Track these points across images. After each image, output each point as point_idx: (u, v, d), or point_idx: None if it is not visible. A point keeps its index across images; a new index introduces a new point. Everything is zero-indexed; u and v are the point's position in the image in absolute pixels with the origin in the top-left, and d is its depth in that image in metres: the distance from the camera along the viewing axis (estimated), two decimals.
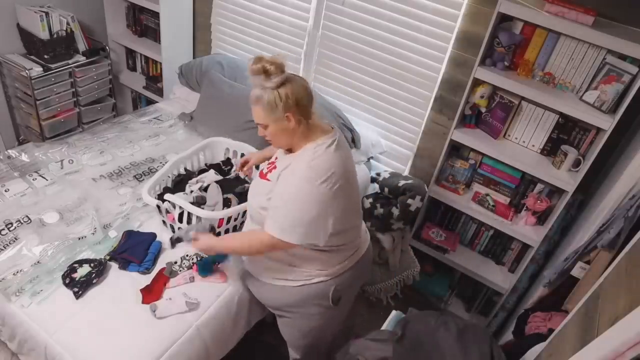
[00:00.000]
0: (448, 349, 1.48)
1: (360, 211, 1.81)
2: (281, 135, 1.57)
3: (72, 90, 3.09)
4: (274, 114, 1.51)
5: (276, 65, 1.47)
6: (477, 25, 2.24)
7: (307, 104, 1.54)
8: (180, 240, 1.86)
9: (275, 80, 1.48)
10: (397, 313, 1.80)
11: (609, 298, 1.06)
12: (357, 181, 1.72)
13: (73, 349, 1.65)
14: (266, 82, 1.48)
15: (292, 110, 1.50)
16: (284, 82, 1.49)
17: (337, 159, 1.55)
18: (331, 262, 1.69)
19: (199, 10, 3.18)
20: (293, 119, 1.52)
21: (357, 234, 1.77)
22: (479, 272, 2.53)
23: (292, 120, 1.52)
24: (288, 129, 1.54)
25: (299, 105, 1.51)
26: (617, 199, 1.67)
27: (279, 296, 1.75)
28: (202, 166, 2.37)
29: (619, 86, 1.88)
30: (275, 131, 1.56)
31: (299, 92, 1.51)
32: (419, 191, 2.41)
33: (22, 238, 1.95)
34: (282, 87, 1.49)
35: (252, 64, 1.48)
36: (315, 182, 1.49)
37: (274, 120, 1.53)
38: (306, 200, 1.50)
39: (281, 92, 1.48)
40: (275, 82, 1.48)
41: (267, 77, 1.48)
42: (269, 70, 1.47)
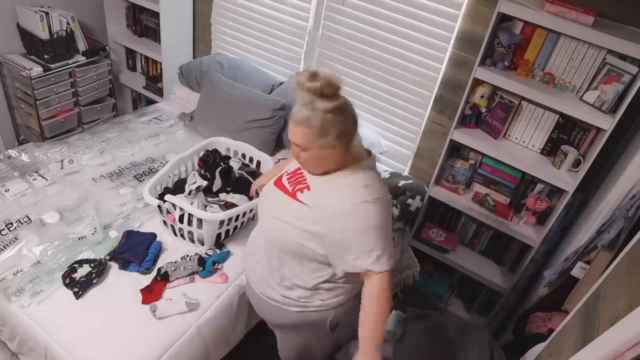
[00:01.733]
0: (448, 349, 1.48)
1: None
2: (322, 161, 1.43)
3: (72, 90, 3.09)
4: (323, 139, 1.35)
5: (334, 87, 1.33)
6: (477, 25, 2.24)
7: (354, 133, 1.41)
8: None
9: (331, 105, 1.33)
10: (397, 313, 1.80)
11: (609, 298, 1.06)
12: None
13: (73, 349, 1.65)
14: (319, 103, 1.33)
15: (342, 139, 1.38)
16: (339, 108, 1.35)
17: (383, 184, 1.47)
18: (334, 292, 1.57)
19: (199, 10, 3.18)
20: (339, 148, 1.39)
21: None
22: (479, 272, 2.53)
23: (338, 149, 1.39)
24: (331, 157, 1.41)
25: (347, 135, 1.39)
26: (617, 199, 1.67)
27: (275, 315, 1.68)
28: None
29: (619, 86, 1.88)
30: (317, 156, 1.41)
31: (351, 120, 1.39)
32: (419, 191, 2.41)
33: (22, 238, 1.95)
34: (336, 113, 1.34)
35: (307, 80, 1.32)
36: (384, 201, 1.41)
37: (319, 145, 1.37)
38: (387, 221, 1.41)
39: (336, 119, 1.34)
40: (330, 107, 1.33)
41: (322, 98, 1.33)
42: (325, 92, 1.32)
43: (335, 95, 1.35)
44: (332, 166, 1.45)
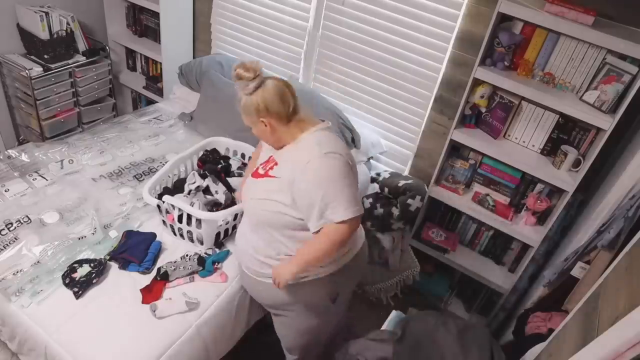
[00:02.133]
0: (448, 349, 1.48)
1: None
2: (262, 136, 1.64)
3: (72, 90, 3.09)
4: (250, 117, 1.58)
5: (249, 70, 1.52)
6: (477, 25, 2.24)
7: (279, 109, 1.55)
8: None
9: (249, 87, 1.53)
10: (397, 313, 1.80)
11: (609, 298, 1.06)
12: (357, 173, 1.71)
13: (73, 349, 1.65)
14: (242, 89, 1.54)
15: (265, 116, 1.55)
16: (256, 88, 1.53)
17: (341, 142, 1.62)
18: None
19: (199, 10, 3.18)
20: (267, 123, 1.56)
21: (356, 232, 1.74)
22: (479, 272, 2.53)
23: (268, 126, 1.57)
24: (267, 131, 1.59)
25: (270, 112, 1.54)
26: (617, 199, 1.67)
27: (273, 294, 1.72)
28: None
29: (619, 86, 1.88)
30: (257, 132, 1.63)
31: (269, 98, 1.53)
32: (419, 191, 2.41)
33: (22, 238, 1.95)
34: (254, 94, 1.53)
35: (233, 69, 1.54)
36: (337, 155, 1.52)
37: (251, 122, 1.60)
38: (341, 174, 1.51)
39: (253, 99, 1.53)
40: (249, 89, 1.53)
41: (243, 83, 1.53)
42: (243, 76, 1.52)
43: (253, 79, 1.52)
44: (280, 138, 1.61)
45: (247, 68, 1.52)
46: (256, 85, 1.53)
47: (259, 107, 1.53)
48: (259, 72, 1.54)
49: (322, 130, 1.61)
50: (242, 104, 1.56)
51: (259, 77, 1.53)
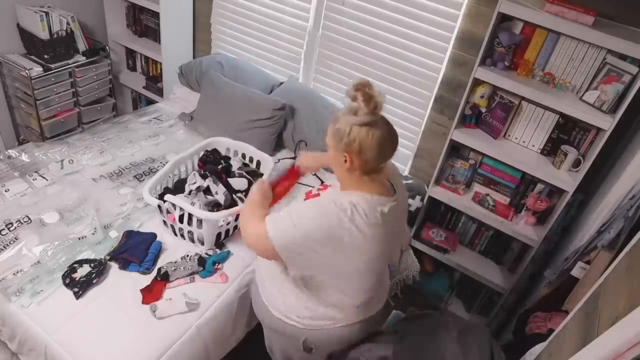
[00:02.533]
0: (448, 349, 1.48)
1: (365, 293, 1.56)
2: (334, 165, 1.47)
3: (72, 90, 3.09)
4: (336, 143, 1.39)
5: (372, 104, 1.33)
6: (477, 25, 2.24)
7: (370, 159, 1.37)
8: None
9: (358, 118, 1.34)
10: (397, 313, 1.80)
11: (609, 298, 1.06)
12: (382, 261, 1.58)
13: (73, 349, 1.65)
14: (350, 111, 1.36)
15: (352, 154, 1.37)
16: (364, 125, 1.33)
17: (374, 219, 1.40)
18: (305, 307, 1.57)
19: (199, 10, 3.18)
20: (349, 163, 1.38)
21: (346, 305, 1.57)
22: (479, 272, 2.53)
23: (349, 163, 1.39)
24: (341, 166, 1.42)
25: (360, 154, 1.36)
26: (617, 199, 1.67)
27: (263, 314, 1.71)
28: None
29: (619, 86, 1.88)
30: (332, 158, 1.45)
31: (370, 145, 1.34)
32: (419, 191, 2.41)
33: (22, 238, 1.95)
34: (357, 127, 1.34)
35: (353, 87, 1.35)
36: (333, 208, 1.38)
37: (334, 147, 1.41)
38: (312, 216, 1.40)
39: (354, 131, 1.34)
40: (357, 120, 1.34)
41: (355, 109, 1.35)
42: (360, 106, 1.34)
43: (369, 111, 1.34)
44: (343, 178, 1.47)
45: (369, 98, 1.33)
46: (367, 122, 1.33)
47: (352, 144, 1.34)
48: (380, 108, 1.35)
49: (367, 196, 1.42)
50: (338, 125, 1.36)
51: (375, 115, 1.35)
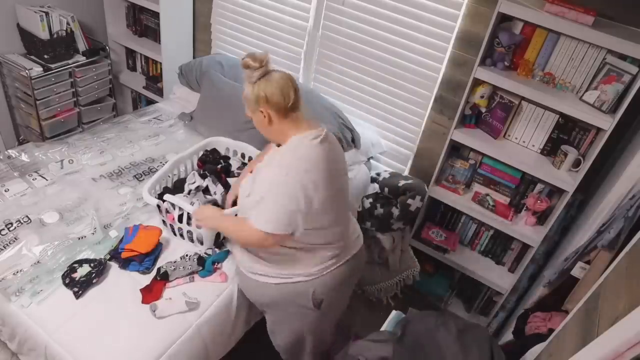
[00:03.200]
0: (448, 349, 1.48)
1: (346, 212, 1.79)
2: (260, 128, 1.66)
3: (72, 90, 3.09)
4: (251, 106, 1.61)
5: (257, 60, 1.54)
6: (477, 25, 2.24)
7: (279, 101, 1.56)
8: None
9: (254, 75, 1.55)
10: (397, 313, 1.80)
11: (609, 298, 1.06)
12: (345, 181, 1.73)
13: (73, 349, 1.65)
14: (247, 77, 1.57)
15: (264, 106, 1.57)
16: (260, 78, 1.55)
17: (321, 151, 1.58)
18: (310, 262, 1.68)
19: (199, 10, 3.18)
20: (266, 115, 1.58)
21: (340, 235, 1.74)
22: (479, 272, 2.53)
23: (266, 116, 1.58)
24: (264, 123, 1.61)
25: (269, 102, 1.56)
26: (617, 199, 1.67)
27: (259, 292, 1.77)
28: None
29: (619, 86, 1.88)
30: (255, 123, 1.66)
31: (272, 90, 1.55)
32: (419, 191, 2.41)
33: (22, 238, 1.95)
34: (256, 83, 1.55)
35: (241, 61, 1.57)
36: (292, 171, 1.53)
37: (251, 112, 1.63)
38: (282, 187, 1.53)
39: (255, 87, 1.56)
40: (253, 78, 1.55)
41: (249, 71, 1.56)
42: (250, 65, 1.55)
43: (259, 69, 1.55)
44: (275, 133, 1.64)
45: (255, 58, 1.54)
46: (260, 75, 1.55)
47: (259, 96, 1.55)
48: (265, 62, 1.55)
49: (308, 138, 1.58)
50: (245, 92, 1.59)
51: (264, 67, 1.55)
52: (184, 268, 1.93)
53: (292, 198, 1.53)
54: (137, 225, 2.03)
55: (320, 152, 1.58)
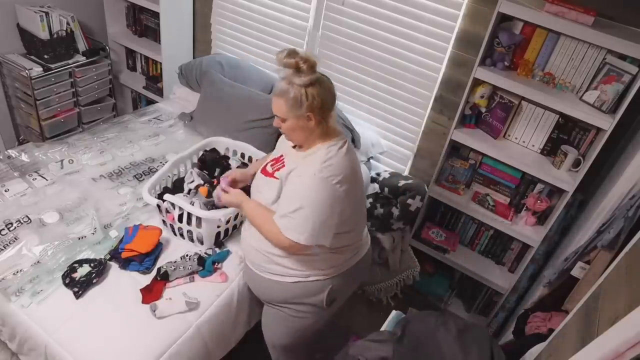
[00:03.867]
0: (448, 349, 1.48)
1: (364, 213, 1.82)
2: (298, 131, 1.58)
3: (72, 90, 3.09)
4: (297, 110, 1.51)
5: (309, 63, 1.48)
6: (477, 25, 2.24)
7: (330, 108, 1.55)
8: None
9: (306, 79, 1.48)
10: (397, 313, 1.80)
11: (609, 298, 1.06)
12: (363, 184, 1.74)
13: (73, 349, 1.65)
14: (296, 78, 1.48)
15: (315, 112, 1.51)
16: (314, 82, 1.49)
17: (348, 161, 1.59)
18: (329, 262, 1.69)
19: (199, 10, 3.18)
20: (314, 119, 1.53)
21: (359, 236, 1.78)
22: (479, 272, 2.53)
23: (313, 120, 1.53)
24: (307, 127, 1.55)
25: (322, 108, 1.52)
26: (617, 199, 1.67)
27: (271, 290, 1.76)
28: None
29: (619, 86, 1.88)
30: (293, 127, 1.57)
31: (326, 95, 1.52)
32: (419, 191, 2.41)
33: (22, 238, 1.95)
34: (310, 87, 1.48)
35: (285, 56, 1.48)
36: (330, 182, 1.50)
37: (295, 116, 1.53)
38: (323, 202, 1.51)
39: (309, 92, 1.48)
40: (305, 81, 1.48)
41: (298, 72, 1.48)
42: (302, 67, 1.47)
43: (310, 71, 1.49)
44: (308, 137, 1.59)
45: (306, 59, 1.47)
46: (315, 79, 1.49)
47: (314, 102, 1.49)
48: (316, 65, 1.50)
49: (337, 146, 1.58)
50: (292, 94, 1.49)
51: (316, 71, 1.50)
52: (184, 268, 1.93)
53: (328, 212, 1.52)
54: (137, 225, 2.03)
55: (348, 161, 1.58)
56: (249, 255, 1.80)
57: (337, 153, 1.56)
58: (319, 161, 1.53)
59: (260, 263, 1.74)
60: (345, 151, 1.59)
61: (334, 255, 1.69)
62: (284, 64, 1.48)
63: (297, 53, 1.48)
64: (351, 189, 1.57)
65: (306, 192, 1.51)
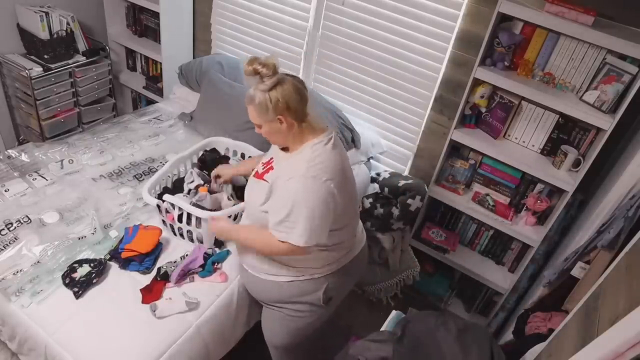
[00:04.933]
0: (448, 349, 1.48)
1: (356, 210, 1.81)
2: (275, 135, 1.59)
3: (72, 90, 3.09)
4: (266, 116, 1.53)
5: (268, 66, 1.49)
6: (477, 25, 2.24)
7: (298, 107, 1.54)
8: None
9: (267, 83, 1.49)
10: (397, 313, 1.80)
11: (609, 298, 1.06)
12: (353, 179, 1.73)
13: (73, 349, 1.65)
14: (259, 84, 1.50)
15: (284, 113, 1.52)
16: (276, 85, 1.49)
17: (336, 155, 1.58)
18: (323, 260, 1.69)
19: (199, 10, 3.18)
20: (285, 121, 1.53)
21: (352, 233, 1.78)
22: (479, 272, 2.53)
23: (284, 122, 1.53)
24: (281, 130, 1.56)
25: (289, 108, 1.52)
26: (617, 199, 1.67)
27: (267, 290, 1.76)
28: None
29: (619, 86, 1.88)
30: (269, 131, 1.59)
31: (290, 96, 1.51)
32: (419, 191, 2.41)
33: (22, 238, 1.95)
34: (273, 90, 1.49)
35: (246, 64, 1.50)
36: (320, 181, 1.50)
37: (266, 121, 1.56)
38: (316, 201, 1.51)
39: (272, 95, 1.49)
40: (267, 85, 1.49)
41: (260, 79, 1.50)
42: (261, 72, 1.48)
43: (271, 75, 1.49)
44: (290, 140, 1.60)
45: (265, 64, 1.48)
46: (275, 82, 1.49)
47: (278, 104, 1.50)
48: (277, 67, 1.51)
49: (322, 143, 1.58)
50: (258, 101, 1.51)
51: (277, 73, 1.51)
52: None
53: (323, 210, 1.52)
54: (137, 225, 2.03)
55: (336, 156, 1.58)
56: (243, 256, 1.81)
57: (323, 150, 1.56)
58: (305, 161, 1.54)
59: (254, 263, 1.74)
60: (332, 147, 1.58)
61: (328, 253, 1.68)
62: (245, 72, 1.50)
63: (256, 59, 1.49)
64: (342, 183, 1.57)
65: (298, 194, 1.51)
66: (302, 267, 1.68)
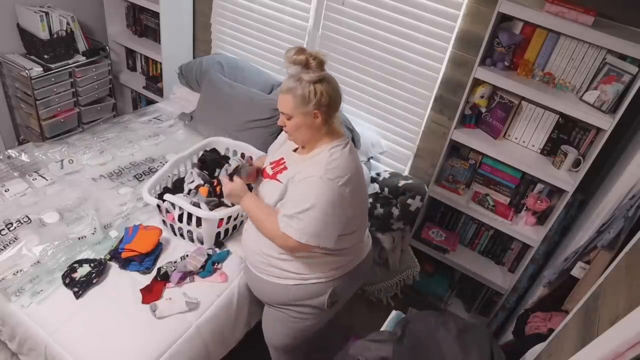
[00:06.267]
0: (448, 349, 1.48)
1: (366, 216, 1.82)
2: (303, 129, 1.56)
3: (72, 90, 3.09)
4: (304, 107, 1.51)
5: (318, 60, 1.49)
6: (477, 25, 2.24)
7: (335, 105, 1.55)
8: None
9: (314, 75, 1.48)
10: (397, 313, 1.80)
11: (609, 298, 1.06)
12: (366, 186, 1.73)
13: (73, 349, 1.65)
14: (304, 74, 1.48)
15: (322, 109, 1.51)
16: (322, 80, 1.49)
17: (353, 161, 1.59)
18: (331, 265, 1.69)
19: (199, 10, 3.18)
20: (320, 117, 1.53)
21: (360, 238, 1.78)
22: (479, 272, 2.53)
23: (319, 118, 1.53)
24: (313, 125, 1.54)
25: (329, 106, 1.52)
26: (617, 199, 1.67)
27: (272, 292, 1.75)
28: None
29: (619, 86, 1.88)
30: (299, 125, 1.55)
31: (333, 92, 1.52)
32: (419, 191, 2.41)
33: (22, 238, 1.95)
34: (319, 83, 1.49)
35: (294, 53, 1.48)
36: (336, 184, 1.50)
37: (302, 113, 1.52)
38: (329, 204, 1.50)
39: (317, 88, 1.48)
40: (314, 77, 1.48)
41: (307, 69, 1.49)
42: (311, 63, 1.48)
43: (319, 68, 1.49)
44: (313, 136, 1.59)
45: (315, 56, 1.47)
46: (322, 76, 1.49)
47: (321, 99, 1.49)
48: (325, 62, 1.51)
49: (340, 147, 1.58)
50: (301, 91, 1.48)
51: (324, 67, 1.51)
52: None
53: (333, 213, 1.52)
54: (137, 225, 2.03)
55: (352, 162, 1.58)
56: (249, 256, 1.81)
57: (341, 154, 1.56)
58: (323, 163, 1.53)
59: (260, 265, 1.74)
60: (349, 152, 1.59)
61: (335, 258, 1.68)
62: (294, 60, 1.48)
63: (306, 50, 1.49)
64: (356, 189, 1.57)
65: (313, 195, 1.50)
66: (309, 271, 1.67)
